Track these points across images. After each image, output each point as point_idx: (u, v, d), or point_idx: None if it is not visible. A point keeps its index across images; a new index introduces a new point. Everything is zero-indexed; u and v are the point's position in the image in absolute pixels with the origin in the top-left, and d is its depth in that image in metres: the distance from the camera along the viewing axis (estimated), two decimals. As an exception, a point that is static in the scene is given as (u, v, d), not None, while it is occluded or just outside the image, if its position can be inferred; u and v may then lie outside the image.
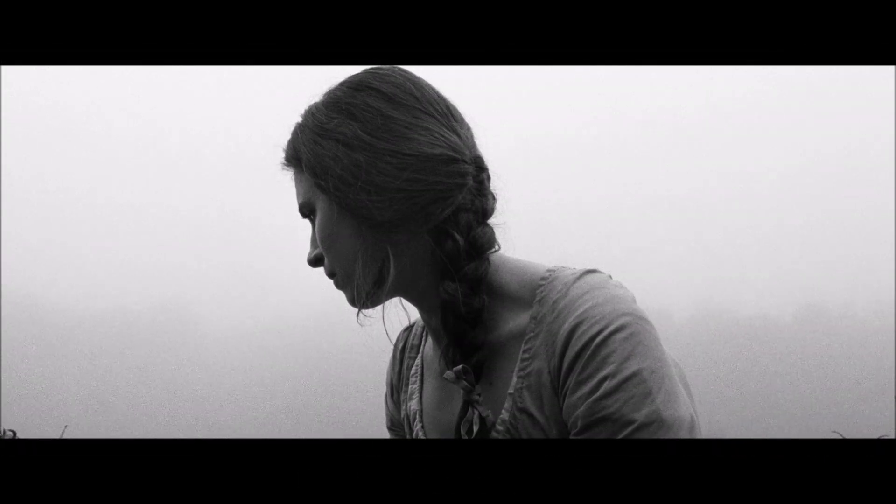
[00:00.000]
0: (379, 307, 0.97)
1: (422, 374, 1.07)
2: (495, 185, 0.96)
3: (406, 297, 0.98)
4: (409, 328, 1.15)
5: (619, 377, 0.79)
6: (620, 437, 0.79)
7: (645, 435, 0.78)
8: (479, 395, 0.88)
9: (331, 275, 0.97)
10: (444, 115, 0.93)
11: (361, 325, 0.96)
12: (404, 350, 1.14)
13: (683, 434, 0.80)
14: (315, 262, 0.98)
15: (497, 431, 0.89)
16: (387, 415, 1.19)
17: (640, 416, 0.78)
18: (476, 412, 0.87)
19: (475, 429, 0.87)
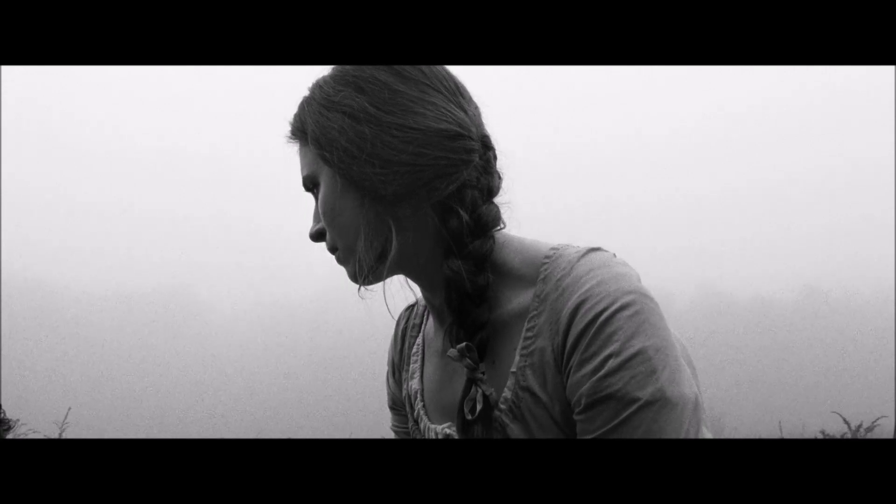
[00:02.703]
0: (380, 286, 0.96)
1: (423, 354, 1.07)
2: (502, 164, 0.95)
3: (408, 275, 0.97)
4: (411, 307, 1.15)
5: (624, 355, 0.79)
6: (625, 415, 0.79)
7: (649, 413, 0.78)
8: (482, 373, 0.87)
9: (332, 249, 0.96)
10: (452, 91, 0.92)
11: (362, 299, 0.94)
12: (406, 329, 1.14)
13: (688, 412, 0.80)
14: (317, 236, 0.97)
15: (499, 410, 0.89)
16: (388, 394, 1.19)
17: (645, 394, 0.78)
18: (479, 390, 0.87)
19: (478, 407, 0.87)
